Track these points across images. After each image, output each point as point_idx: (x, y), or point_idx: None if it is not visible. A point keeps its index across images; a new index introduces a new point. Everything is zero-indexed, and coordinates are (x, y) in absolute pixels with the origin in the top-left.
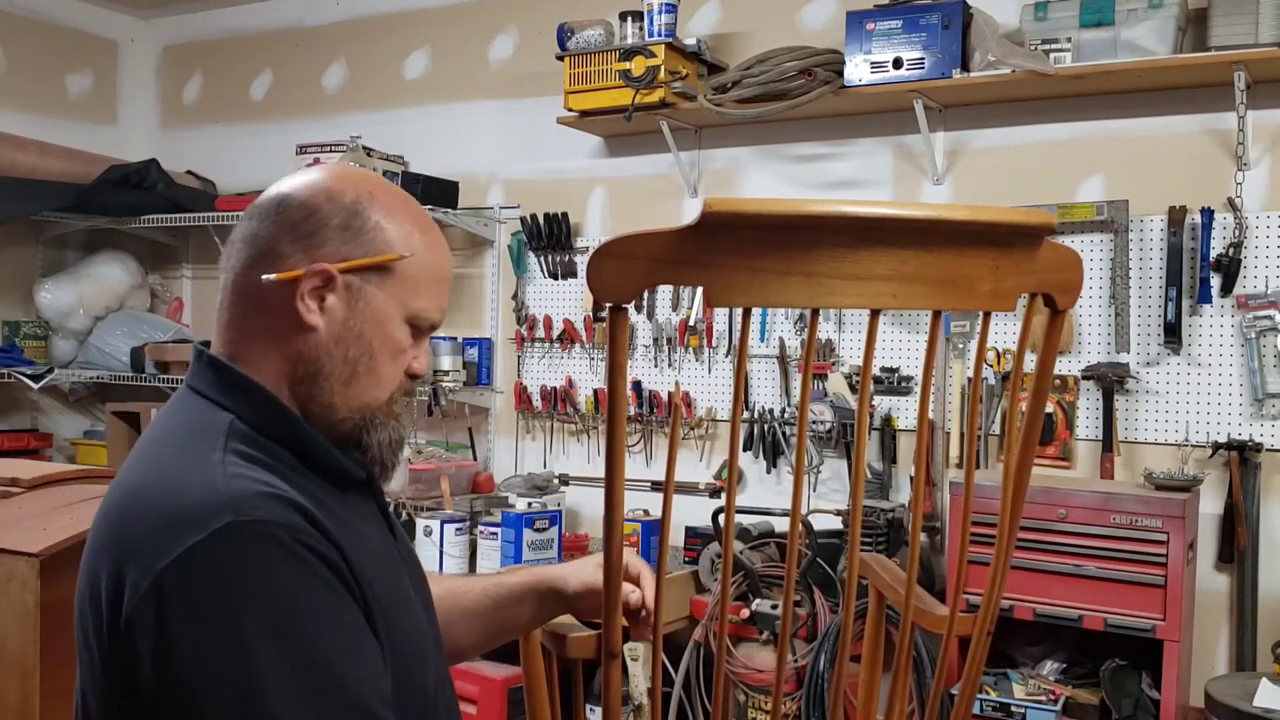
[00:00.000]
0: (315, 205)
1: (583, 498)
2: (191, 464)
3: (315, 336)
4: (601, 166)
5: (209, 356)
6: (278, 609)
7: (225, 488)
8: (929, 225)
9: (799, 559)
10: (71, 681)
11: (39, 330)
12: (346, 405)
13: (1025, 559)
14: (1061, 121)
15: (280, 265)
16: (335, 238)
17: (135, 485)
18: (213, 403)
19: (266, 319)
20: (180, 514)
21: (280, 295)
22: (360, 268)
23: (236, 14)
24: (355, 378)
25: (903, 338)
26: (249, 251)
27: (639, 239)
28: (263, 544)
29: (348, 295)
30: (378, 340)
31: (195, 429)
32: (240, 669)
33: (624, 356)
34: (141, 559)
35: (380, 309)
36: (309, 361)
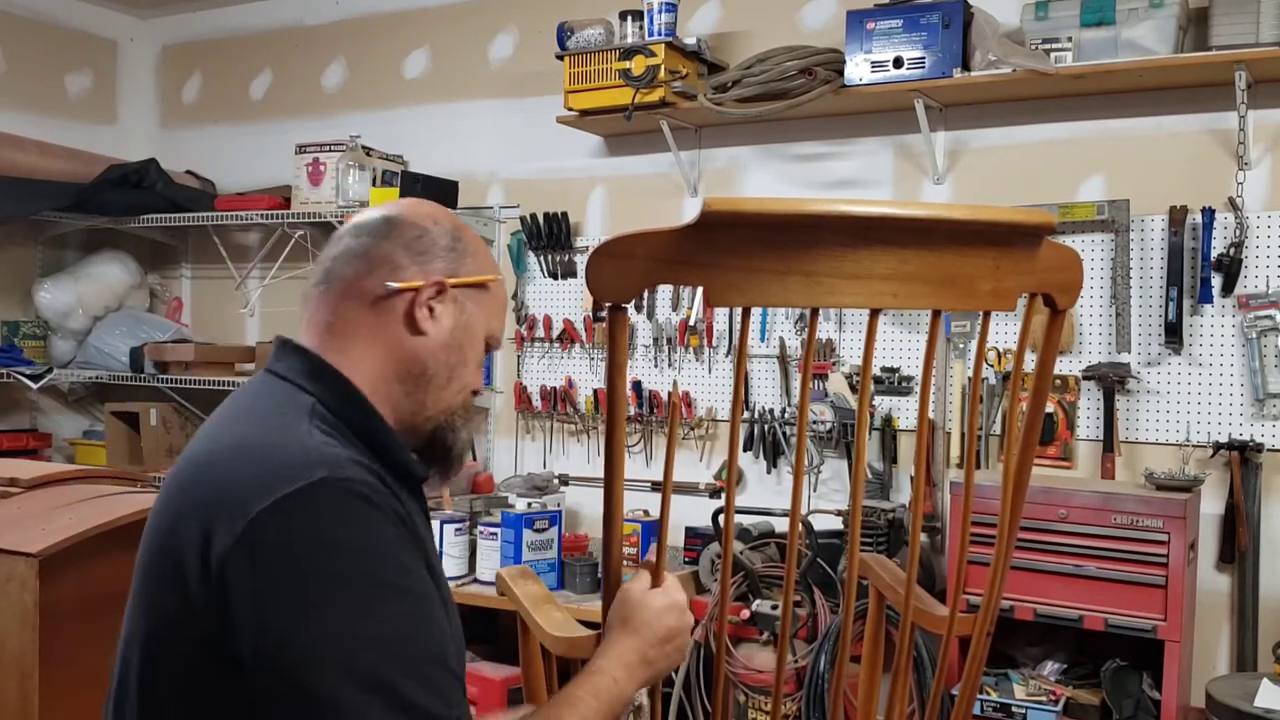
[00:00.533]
0: (424, 226)
1: (583, 498)
2: (281, 430)
3: (425, 341)
4: (601, 166)
5: (294, 344)
6: (365, 559)
7: (317, 450)
8: (929, 225)
9: (799, 559)
10: (71, 680)
11: (38, 330)
12: (435, 406)
13: (1026, 559)
14: (1062, 121)
15: (398, 275)
16: (444, 256)
17: (218, 447)
18: (296, 386)
19: (378, 323)
20: (275, 469)
21: (397, 303)
22: (466, 284)
23: (236, 13)
24: (449, 383)
25: (903, 338)
26: (362, 264)
27: (638, 239)
28: (353, 500)
29: (454, 307)
30: (470, 351)
31: (280, 405)
32: (331, 614)
33: (623, 356)
34: (234, 508)
35: (475, 323)
36: (417, 363)
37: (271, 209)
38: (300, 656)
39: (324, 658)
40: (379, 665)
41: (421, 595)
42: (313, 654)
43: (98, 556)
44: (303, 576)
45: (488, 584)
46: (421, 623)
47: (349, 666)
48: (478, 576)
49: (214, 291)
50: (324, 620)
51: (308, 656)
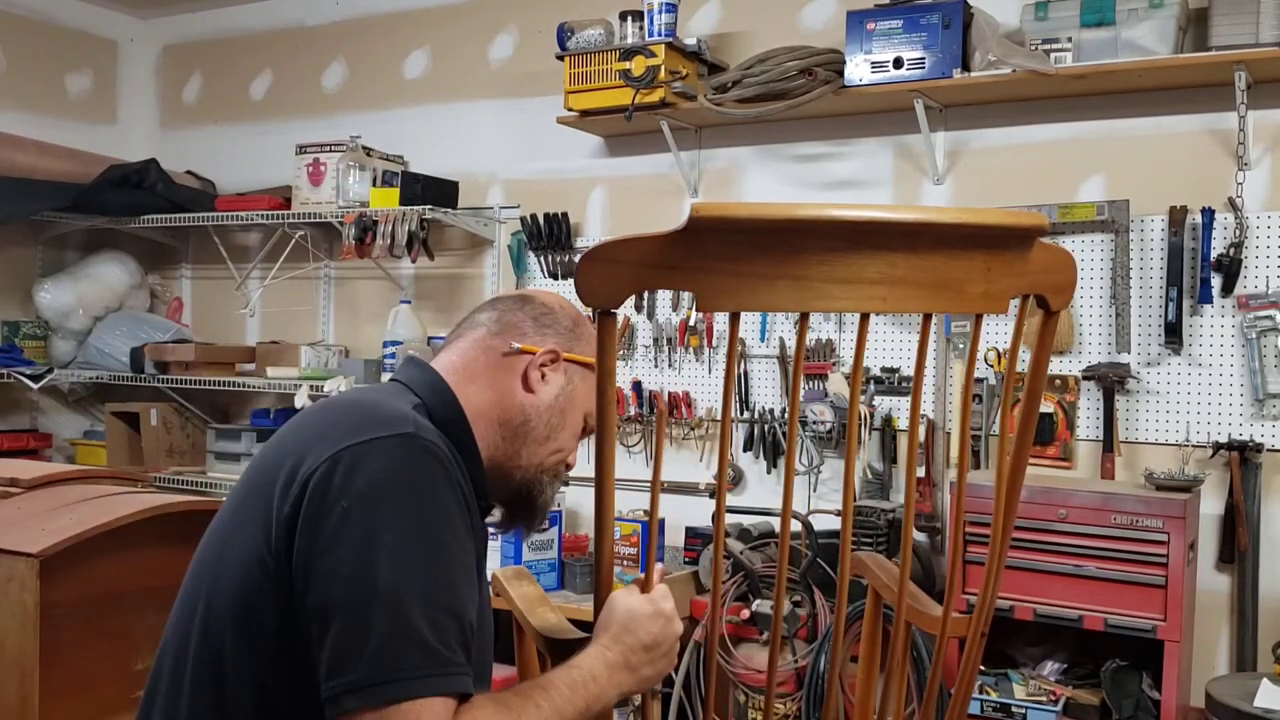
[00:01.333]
0: (552, 306)
1: (582, 498)
2: (387, 402)
3: (532, 399)
4: (601, 166)
5: (421, 362)
6: (423, 506)
7: (412, 417)
8: (919, 228)
9: (800, 559)
10: (71, 680)
11: (38, 330)
12: (528, 459)
13: (1025, 559)
14: (1062, 121)
15: (522, 338)
16: (564, 334)
17: (334, 403)
18: (409, 390)
19: (497, 374)
20: (372, 417)
21: (513, 361)
22: (576, 361)
23: (236, 14)
24: (546, 441)
25: (903, 338)
26: (496, 326)
27: (627, 244)
28: (429, 458)
29: (563, 378)
30: (570, 419)
31: (392, 393)
32: (383, 541)
33: (613, 362)
34: (331, 441)
35: (577, 397)
36: (521, 414)
37: (272, 209)
38: (339, 562)
39: (358, 567)
40: (402, 589)
41: (458, 558)
42: (350, 562)
43: (98, 556)
44: (366, 499)
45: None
46: (450, 576)
47: (373, 579)
48: None
49: (214, 292)
50: (371, 538)
51: (344, 563)
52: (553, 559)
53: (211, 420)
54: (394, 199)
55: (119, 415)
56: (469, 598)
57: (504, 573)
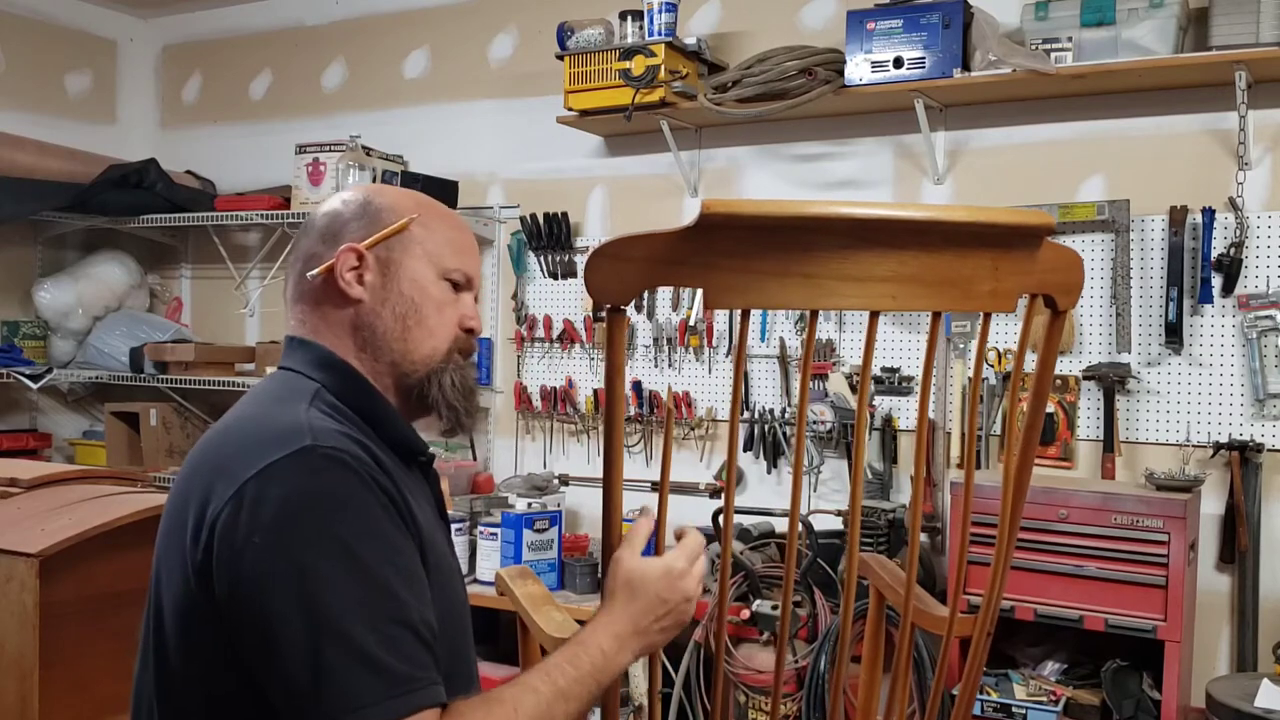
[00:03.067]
0: (334, 211)
1: (583, 498)
2: (280, 408)
3: (363, 305)
4: (601, 166)
5: (297, 339)
6: (343, 521)
7: (306, 421)
8: (928, 226)
9: (799, 559)
10: (70, 680)
11: (38, 330)
12: (409, 359)
13: (1026, 559)
14: (1062, 121)
15: (318, 263)
16: (355, 227)
17: (226, 426)
18: (303, 375)
19: (324, 308)
20: (265, 438)
21: (327, 285)
22: (381, 239)
23: (236, 13)
24: (408, 330)
25: (903, 338)
26: (299, 265)
27: (636, 241)
28: (335, 465)
29: (380, 266)
30: (418, 295)
31: (286, 390)
32: (305, 569)
33: (622, 358)
34: (231, 474)
35: (413, 268)
36: (366, 327)
37: (271, 209)
38: (267, 600)
39: (288, 603)
40: (343, 617)
41: (394, 561)
42: (279, 598)
43: (98, 556)
44: (278, 531)
45: (487, 584)
46: (387, 584)
47: (312, 613)
48: (478, 576)
49: (214, 291)
50: (292, 570)
51: (274, 600)
52: (553, 559)
53: (211, 420)
54: None
55: (119, 415)
56: (417, 598)
57: (508, 572)
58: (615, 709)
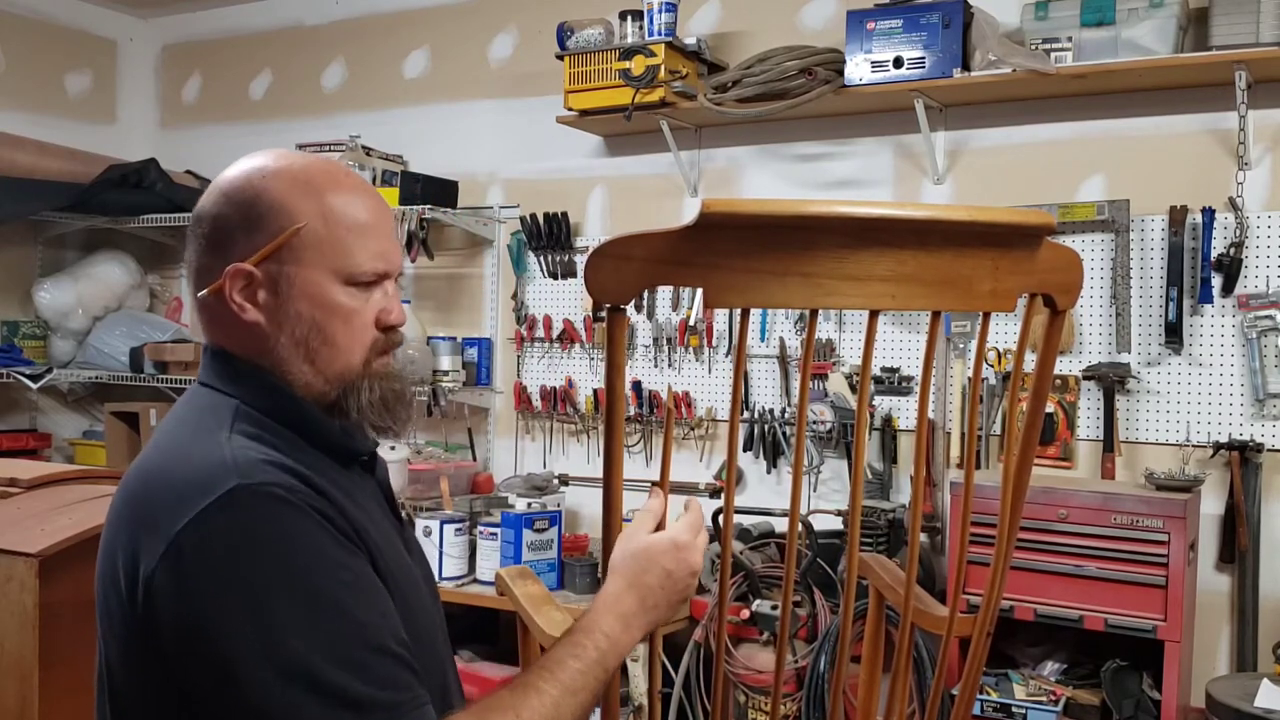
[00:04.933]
0: (218, 212)
1: (582, 498)
2: (201, 443)
3: (260, 330)
4: (601, 166)
5: (213, 350)
6: (288, 559)
7: (230, 457)
8: (928, 226)
9: (799, 559)
10: (70, 680)
11: (38, 330)
12: (321, 380)
13: (1026, 559)
14: (1062, 121)
15: (207, 279)
16: (241, 236)
17: (148, 466)
18: (220, 391)
19: (221, 327)
20: (189, 483)
21: (219, 305)
22: (269, 254)
23: (236, 13)
24: (314, 353)
25: (903, 338)
26: (189, 274)
27: (636, 240)
28: (269, 502)
29: (272, 283)
30: (319, 313)
31: (204, 413)
32: (259, 618)
33: (622, 357)
34: (156, 527)
35: (309, 282)
36: (267, 353)
37: None
38: (226, 659)
39: (249, 657)
40: (309, 660)
41: (352, 585)
42: (239, 655)
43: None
44: (223, 583)
45: (487, 584)
46: (353, 613)
47: (276, 663)
48: (477, 576)
49: None
50: (247, 621)
51: (234, 658)
52: (552, 559)
53: None
54: (393, 198)
55: (118, 415)
56: (382, 614)
57: (508, 572)
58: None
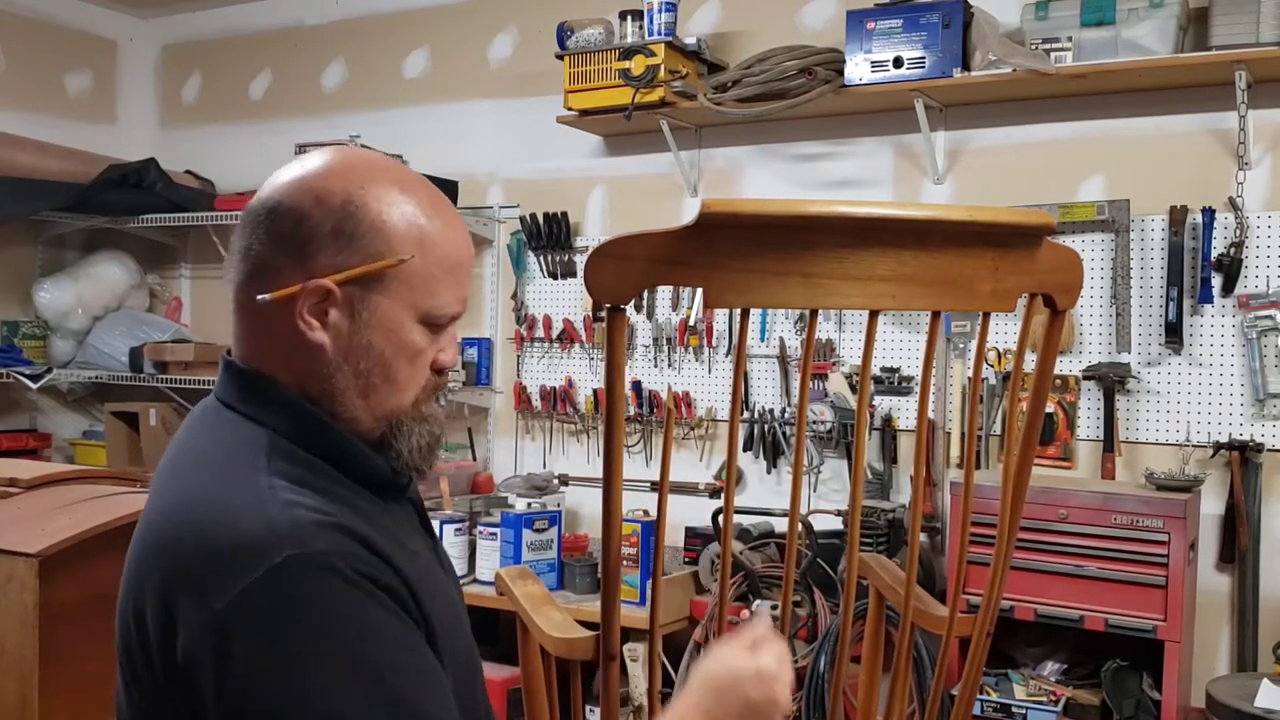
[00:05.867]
0: (304, 211)
1: (582, 498)
2: (239, 488)
3: (323, 354)
4: (601, 166)
5: (236, 367)
6: (344, 642)
7: (280, 518)
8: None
9: (799, 559)
10: (70, 680)
11: (38, 330)
12: (370, 416)
13: (1026, 559)
14: (1062, 121)
15: (275, 281)
16: (328, 246)
17: (181, 507)
18: (246, 417)
19: (272, 337)
20: (236, 548)
21: (281, 313)
22: (357, 277)
23: (236, 13)
24: (372, 389)
25: (903, 338)
26: (245, 267)
27: (636, 240)
28: (323, 577)
29: (350, 307)
30: (390, 349)
31: (235, 446)
32: (314, 706)
33: (622, 357)
34: (196, 594)
35: (388, 316)
36: (321, 379)
37: None
38: None
39: None
40: None
41: (411, 670)
42: None
43: (98, 556)
44: (274, 666)
45: (487, 584)
46: (412, 701)
47: None
48: (477, 576)
49: (214, 291)
50: (300, 708)
51: None
52: (552, 559)
53: None
54: None
55: (118, 415)
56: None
57: (508, 572)
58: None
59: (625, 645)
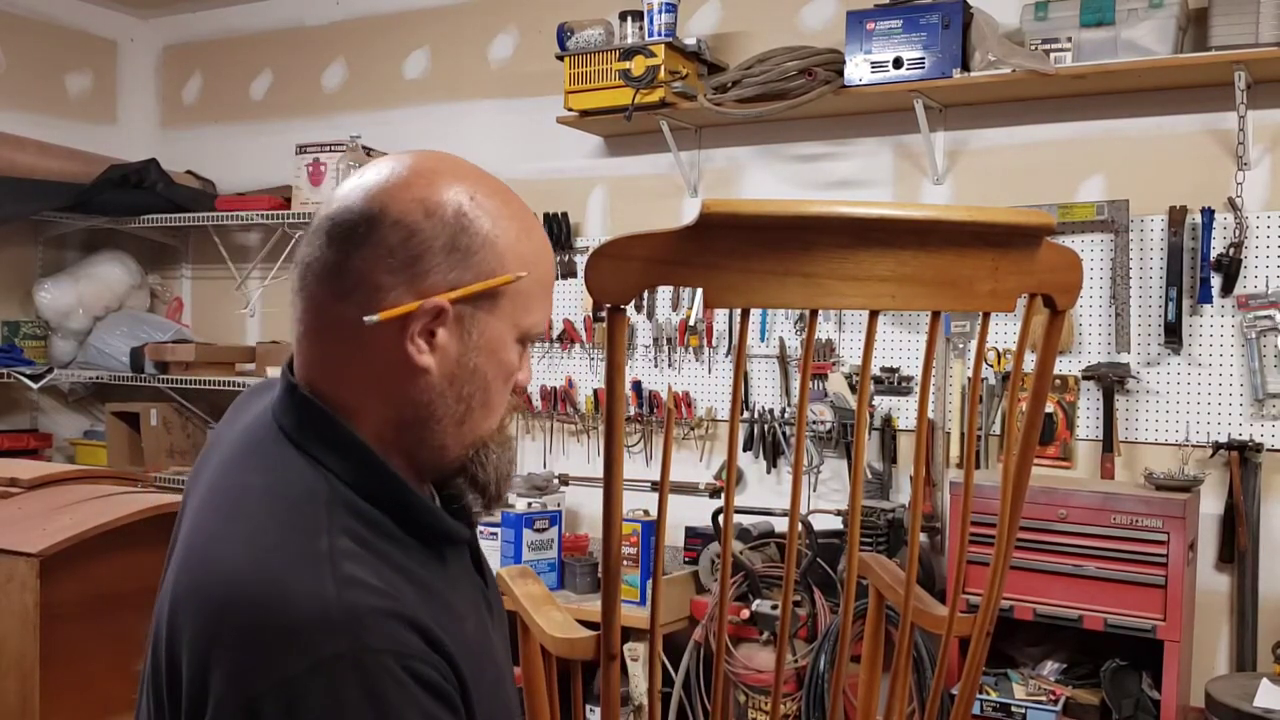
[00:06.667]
0: (414, 225)
1: (583, 498)
2: (297, 553)
3: (427, 378)
4: (601, 166)
5: (303, 397)
6: None
7: (337, 601)
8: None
9: (799, 559)
10: (71, 680)
11: (38, 330)
12: (459, 444)
13: (1025, 559)
14: (1062, 121)
15: (380, 300)
16: (441, 263)
17: (224, 561)
18: (311, 458)
19: (367, 359)
20: (284, 630)
21: (384, 334)
22: (474, 294)
23: (236, 14)
24: (469, 414)
25: (903, 338)
26: (337, 281)
27: (637, 240)
28: (370, 679)
29: (459, 327)
30: (492, 370)
31: (297, 497)
32: None
33: (622, 357)
34: (234, 669)
35: (494, 336)
36: (420, 406)
37: (272, 209)
38: None
39: None
40: None
41: None
42: None
43: (98, 556)
44: None
45: None
46: None
47: None
48: None
49: (214, 292)
50: None
51: None
52: (552, 559)
53: (211, 420)
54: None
55: (119, 415)
56: None
57: (508, 572)
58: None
59: (626, 645)
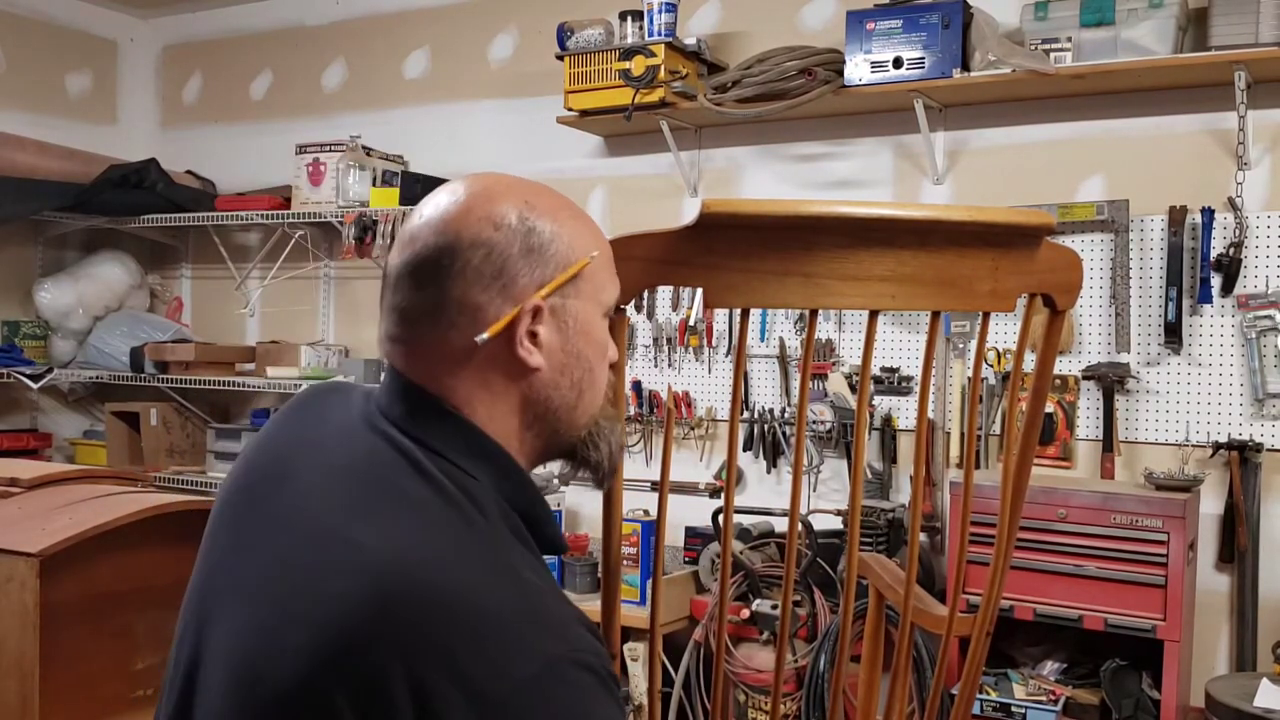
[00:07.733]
0: (489, 240)
1: (583, 498)
2: (488, 557)
3: (540, 376)
4: (601, 166)
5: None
6: None
7: (543, 609)
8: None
9: (799, 559)
10: (71, 680)
11: (38, 330)
12: (574, 426)
13: (1025, 559)
14: (1062, 121)
15: (483, 317)
16: (524, 267)
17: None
18: (462, 470)
19: (485, 378)
20: (503, 632)
21: (495, 348)
22: (560, 285)
23: (236, 14)
24: (581, 397)
25: (903, 338)
26: (440, 316)
27: (637, 240)
28: (593, 680)
29: (555, 320)
30: (592, 351)
31: (460, 500)
32: None
33: (622, 357)
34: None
35: (586, 319)
36: (539, 402)
37: (272, 209)
38: None
39: None
40: None
41: None
42: None
43: (98, 556)
44: None
45: None
46: None
47: None
48: None
49: (214, 291)
50: None
51: None
52: (552, 559)
53: (211, 420)
54: (394, 199)
55: (119, 415)
56: None
57: None
58: None
59: (625, 645)
